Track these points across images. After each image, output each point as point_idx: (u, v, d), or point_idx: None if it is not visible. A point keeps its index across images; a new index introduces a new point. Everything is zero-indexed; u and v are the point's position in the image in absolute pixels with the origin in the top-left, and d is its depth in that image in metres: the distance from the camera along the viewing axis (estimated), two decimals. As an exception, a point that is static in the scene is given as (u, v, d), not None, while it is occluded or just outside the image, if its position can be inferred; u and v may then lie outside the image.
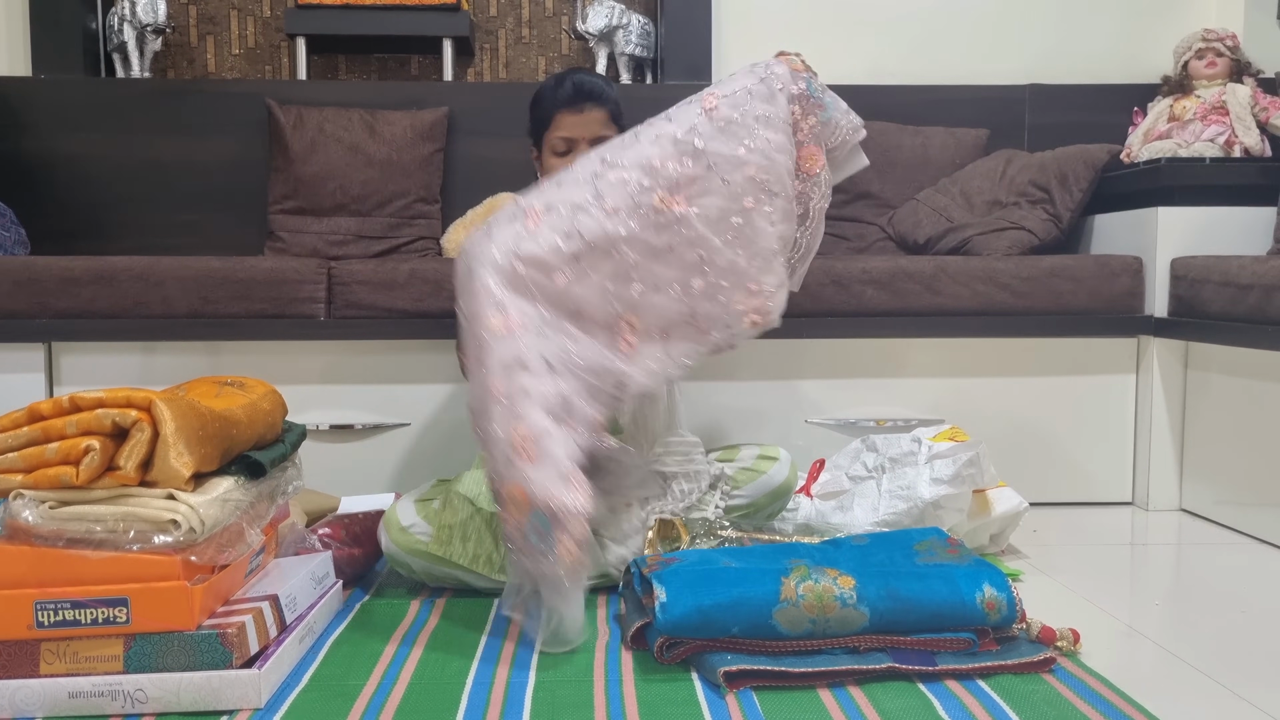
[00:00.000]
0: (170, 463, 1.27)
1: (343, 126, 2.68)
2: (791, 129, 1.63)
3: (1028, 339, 2.32)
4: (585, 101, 1.84)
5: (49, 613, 1.25)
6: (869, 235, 2.73)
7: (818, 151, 1.65)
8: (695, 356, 1.59)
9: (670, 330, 1.58)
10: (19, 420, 1.29)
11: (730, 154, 1.58)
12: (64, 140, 2.74)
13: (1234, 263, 2.11)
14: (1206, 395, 2.25)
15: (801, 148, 1.64)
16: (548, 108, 1.87)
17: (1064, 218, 2.51)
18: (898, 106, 2.87)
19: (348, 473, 2.22)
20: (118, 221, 2.75)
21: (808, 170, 1.64)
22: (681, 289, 1.57)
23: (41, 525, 1.26)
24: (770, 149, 1.60)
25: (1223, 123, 2.47)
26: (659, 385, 1.59)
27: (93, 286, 2.17)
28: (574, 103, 1.84)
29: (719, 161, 1.58)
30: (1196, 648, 1.48)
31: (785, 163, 1.62)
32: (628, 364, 1.54)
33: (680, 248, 1.57)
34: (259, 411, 1.51)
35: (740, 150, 1.59)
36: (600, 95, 1.86)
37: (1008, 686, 1.31)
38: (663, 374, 1.57)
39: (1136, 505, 2.36)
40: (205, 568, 1.30)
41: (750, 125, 1.60)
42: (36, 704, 1.25)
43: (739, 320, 1.60)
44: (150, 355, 2.20)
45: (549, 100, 1.87)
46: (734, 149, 1.59)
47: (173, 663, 1.26)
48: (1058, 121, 2.90)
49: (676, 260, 1.57)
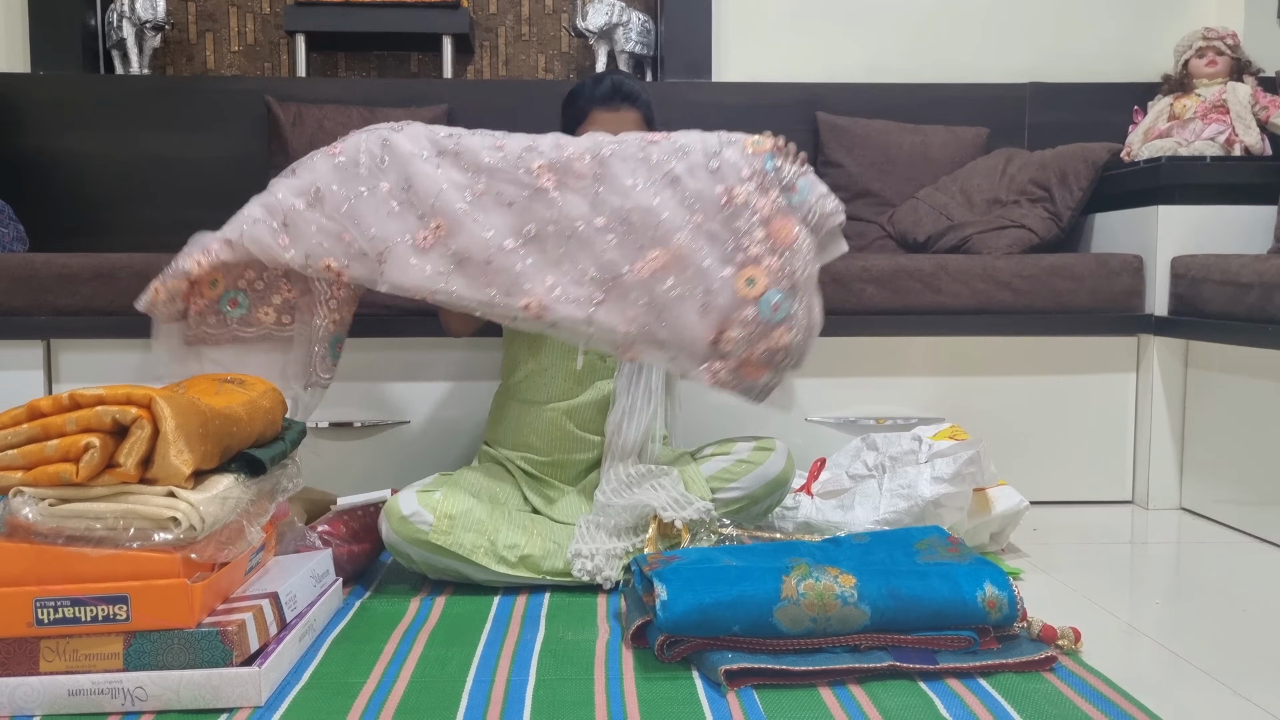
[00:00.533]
0: (170, 460, 1.27)
1: (342, 124, 2.67)
2: (718, 206, 1.60)
3: (1028, 337, 2.32)
4: (621, 102, 1.90)
5: (49, 610, 1.25)
6: (869, 233, 2.73)
7: (788, 222, 1.61)
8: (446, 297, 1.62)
9: (481, 268, 1.61)
10: (18, 417, 1.28)
11: (621, 182, 1.61)
12: (63, 137, 2.74)
13: (1234, 261, 2.11)
14: (1207, 394, 2.25)
15: (769, 222, 1.60)
16: (583, 104, 1.92)
17: (1064, 216, 2.51)
18: (898, 104, 2.87)
19: (347, 470, 2.21)
20: (116, 218, 2.74)
21: (781, 242, 1.60)
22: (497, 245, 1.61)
23: (41, 523, 1.25)
24: (654, 204, 1.60)
25: (1223, 121, 2.47)
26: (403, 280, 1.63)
27: (92, 283, 2.16)
28: (610, 101, 1.90)
29: (608, 178, 1.61)
30: (1197, 646, 1.47)
31: (661, 221, 1.60)
32: (398, 247, 1.62)
33: (529, 210, 1.62)
34: (259, 409, 1.51)
35: (630, 181, 1.61)
36: (636, 97, 1.92)
37: (1009, 685, 1.31)
38: (419, 285, 1.62)
39: (1136, 504, 2.36)
40: (205, 565, 1.30)
41: (657, 175, 1.61)
42: (36, 702, 1.25)
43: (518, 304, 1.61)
44: (149, 353, 2.19)
45: (585, 97, 1.92)
46: (627, 180, 1.61)
47: (173, 660, 1.26)
48: (1058, 120, 2.90)
49: (515, 216, 1.62)
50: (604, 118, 1.89)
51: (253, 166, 2.73)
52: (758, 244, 1.58)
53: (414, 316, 2.20)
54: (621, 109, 1.90)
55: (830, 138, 2.80)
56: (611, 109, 1.90)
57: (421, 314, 2.21)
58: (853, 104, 2.85)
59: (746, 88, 2.89)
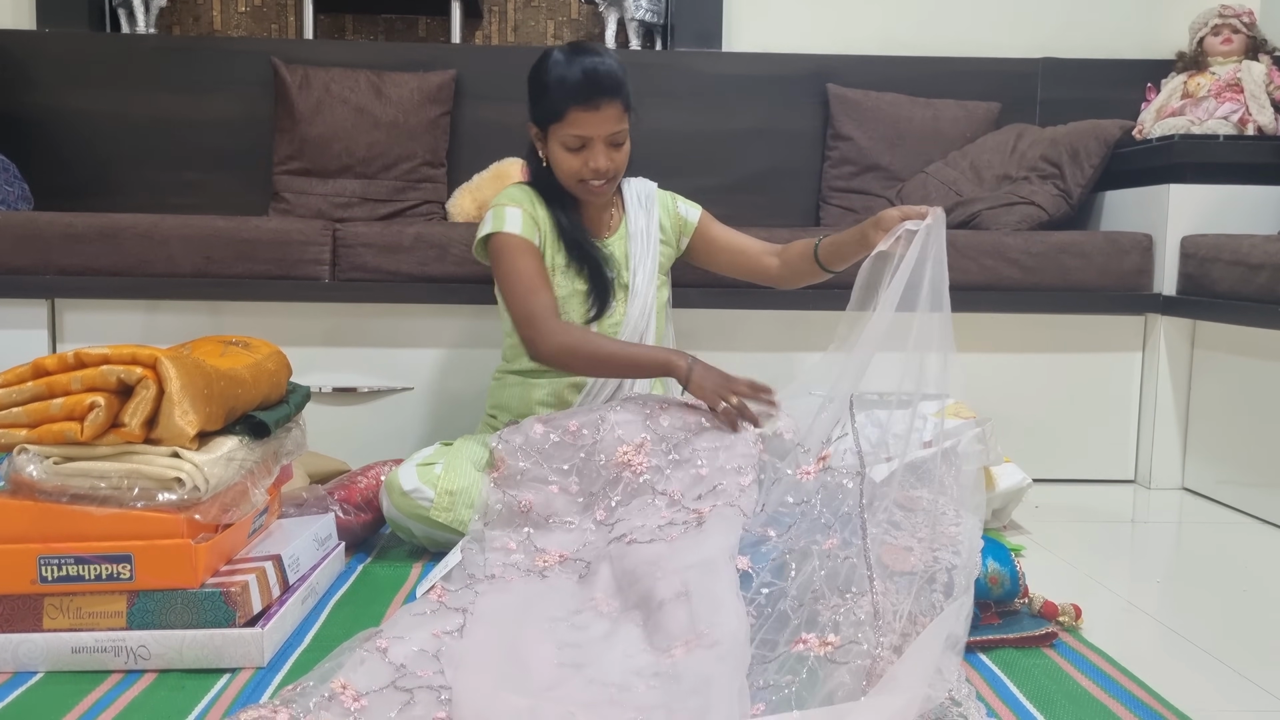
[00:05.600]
0: (175, 421, 1.27)
1: (349, 87, 2.65)
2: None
3: (1035, 315, 2.31)
4: (601, 98, 1.71)
5: (52, 568, 1.25)
6: (877, 208, 2.68)
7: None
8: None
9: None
10: (23, 375, 1.28)
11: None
12: (68, 95, 2.71)
13: (1245, 241, 2.09)
14: (1212, 374, 2.24)
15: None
16: (558, 100, 1.73)
17: (1074, 193, 2.50)
18: (909, 77, 2.84)
19: (350, 436, 2.21)
20: (120, 178, 2.73)
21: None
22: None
23: (45, 480, 1.26)
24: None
25: (1237, 100, 2.44)
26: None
27: (96, 244, 2.15)
28: (589, 99, 1.71)
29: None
30: (1196, 625, 1.48)
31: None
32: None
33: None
34: (264, 372, 1.50)
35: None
36: (615, 89, 1.72)
37: (1009, 660, 1.31)
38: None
39: (1139, 483, 2.36)
40: (209, 526, 1.30)
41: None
42: (40, 658, 1.25)
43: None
44: (154, 314, 2.19)
45: (559, 92, 1.72)
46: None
47: (176, 620, 1.26)
48: (1070, 96, 2.87)
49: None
50: (583, 118, 1.72)
51: (258, 129, 2.71)
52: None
53: (419, 282, 2.20)
54: (603, 106, 1.71)
55: (840, 110, 2.78)
56: (592, 108, 1.71)
57: (426, 280, 2.20)
58: (864, 76, 2.82)
59: (757, 58, 2.86)
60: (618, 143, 1.77)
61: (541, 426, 1.66)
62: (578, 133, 1.73)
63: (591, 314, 1.84)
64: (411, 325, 2.23)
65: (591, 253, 1.83)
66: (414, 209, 2.65)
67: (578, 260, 1.83)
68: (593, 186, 1.79)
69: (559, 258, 1.83)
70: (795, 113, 2.83)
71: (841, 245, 1.80)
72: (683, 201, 1.98)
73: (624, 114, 1.76)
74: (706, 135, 2.81)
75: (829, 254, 1.83)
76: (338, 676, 1.16)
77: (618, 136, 1.76)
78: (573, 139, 1.74)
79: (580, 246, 1.83)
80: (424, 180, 2.68)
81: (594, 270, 1.83)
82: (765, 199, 2.81)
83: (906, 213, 1.64)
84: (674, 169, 2.25)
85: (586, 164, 1.76)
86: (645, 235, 1.91)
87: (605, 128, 1.74)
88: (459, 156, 2.75)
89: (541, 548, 1.53)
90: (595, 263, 1.83)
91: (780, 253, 1.93)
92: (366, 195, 2.64)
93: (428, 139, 2.68)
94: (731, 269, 2.00)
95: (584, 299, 1.84)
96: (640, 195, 1.94)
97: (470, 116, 2.78)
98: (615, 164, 1.78)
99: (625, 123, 1.77)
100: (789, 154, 2.84)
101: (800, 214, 2.84)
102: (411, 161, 2.66)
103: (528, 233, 1.79)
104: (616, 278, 1.86)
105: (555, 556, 1.51)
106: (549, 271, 1.82)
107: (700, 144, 2.80)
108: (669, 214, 1.95)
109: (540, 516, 1.57)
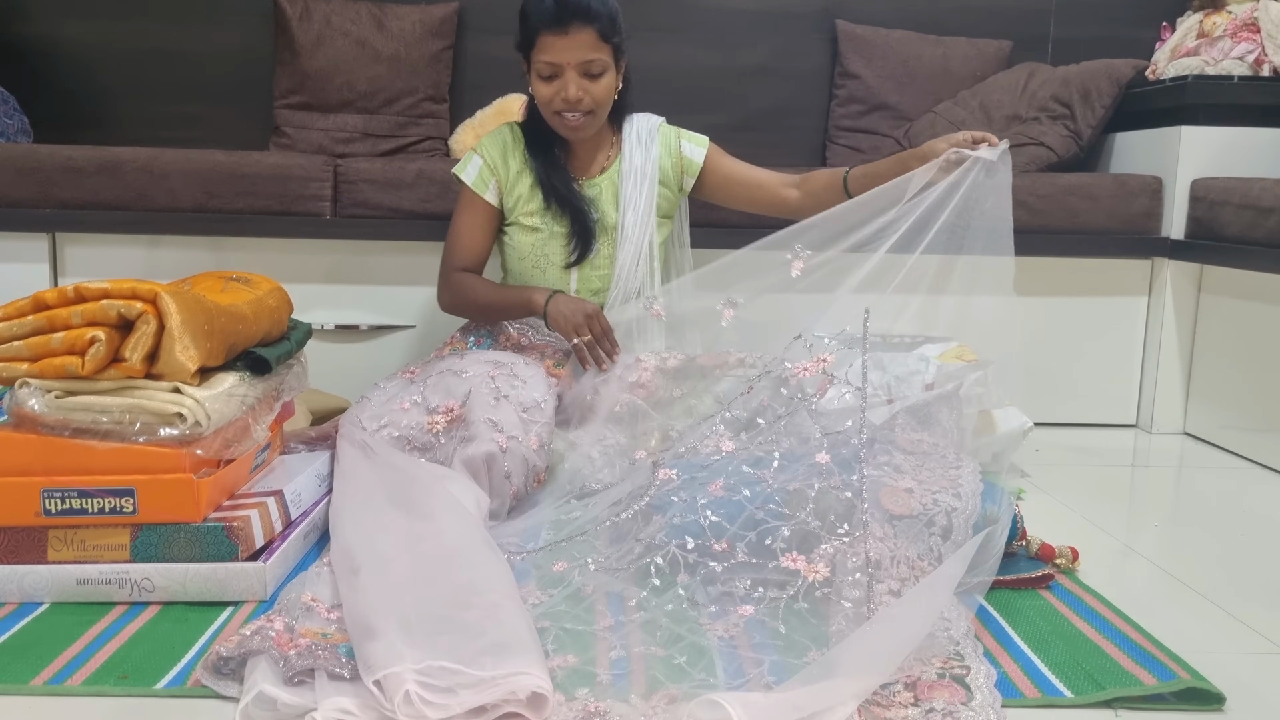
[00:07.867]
0: (176, 356, 1.26)
1: (350, 20, 2.61)
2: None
3: (1041, 258, 2.29)
4: (570, 20, 1.64)
5: (56, 500, 1.26)
6: (885, 148, 2.68)
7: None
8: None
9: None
10: (24, 309, 1.28)
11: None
12: (66, 25, 2.67)
13: (1256, 185, 2.07)
14: (1218, 319, 2.23)
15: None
16: (531, 25, 1.68)
17: (1084, 135, 2.46)
18: (920, 13, 2.79)
19: (352, 373, 2.21)
20: (120, 110, 2.70)
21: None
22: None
23: (47, 414, 1.26)
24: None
25: (1253, 40, 2.40)
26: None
27: (96, 177, 2.14)
28: (558, 22, 1.65)
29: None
30: (1193, 568, 1.49)
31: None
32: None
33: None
34: (265, 308, 1.50)
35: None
36: (586, 11, 1.65)
37: (1005, 601, 1.32)
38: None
39: (1140, 428, 2.36)
40: (211, 461, 1.31)
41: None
42: (45, 589, 1.27)
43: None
44: (154, 248, 2.18)
45: (533, 17, 1.68)
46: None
47: (179, 553, 1.27)
48: (1083, 35, 2.82)
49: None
50: (553, 43, 1.66)
51: (258, 61, 2.67)
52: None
53: (421, 219, 2.18)
54: (572, 30, 1.65)
55: (849, 48, 2.73)
56: (560, 32, 1.65)
57: (426, 217, 2.18)
58: (874, 12, 2.77)
59: (765, -8, 2.81)
60: (593, 73, 1.70)
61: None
62: (548, 59, 1.69)
63: (574, 257, 1.81)
64: (414, 263, 2.22)
65: (570, 196, 1.79)
66: (416, 145, 2.63)
67: (557, 203, 1.80)
68: (568, 120, 1.73)
69: (537, 199, 1.81)
70: (803, 50, 2.79)
71: (877, 177, 1.72)
72: (689, 139, 1.90)
73: (600, 42, 1.68)
74: (711, 72, 2.76)
75: (860, 186, 1.75)
76: (305, 591, 1.22)
77: (593, 66, 1.69)
78: (545, 65, 1.70)
79: (556, 190, 1.79)
80: (426, 116, 2.65)
81: (575, 213, 1.80)
82: (771, 138, 2.77)
83: (956, 142, 1.61)
84: (678, 106, 2.21)
85: (559, 94, 1.70)
86: (640, 175, 1.84)
87: (576, 54, 1.67)
88: (462, 92, 2.72)
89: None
90: (575, 206, 1.79)
91: (800, 183, 1.87)
92: (368, 131, 2.61)
93: (430, 73, 2.64)
94: (748, 203, 1.93)
95: (565, 241, 1.81)
96: (640, 132, 1.87)
97: (473, 50, 2.74)
98: (592, 96, 1.71)
99: (602, 52, 1.69)
100: (796, 92, 2.79)
101: (806, 154, 2.81)
102: (414, 96, 2.63)
103: (480, 184, 1.81)
104: (601, 219, 1.83)
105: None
106: (529, 213, 1.81)
107: (705, 81, 2.75)
108: (670, 153, 1.88)
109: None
